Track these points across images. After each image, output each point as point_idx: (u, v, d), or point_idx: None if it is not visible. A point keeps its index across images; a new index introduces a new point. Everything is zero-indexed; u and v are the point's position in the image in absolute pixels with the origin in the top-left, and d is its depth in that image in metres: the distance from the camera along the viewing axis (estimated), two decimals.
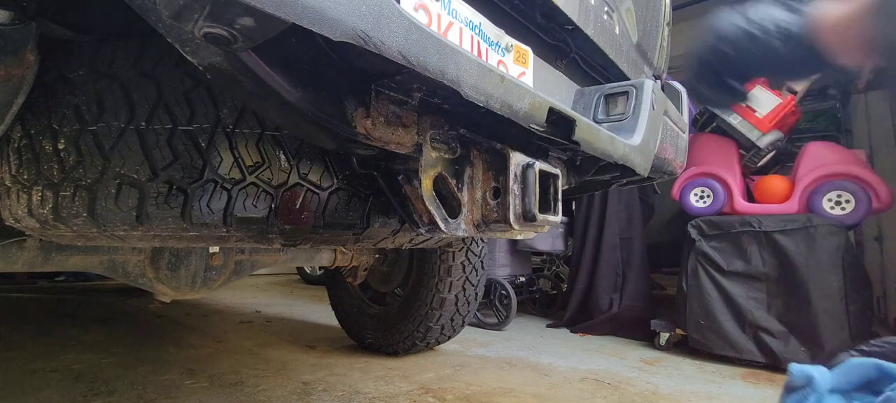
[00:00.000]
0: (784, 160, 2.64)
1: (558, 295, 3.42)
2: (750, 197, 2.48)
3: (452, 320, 1.98)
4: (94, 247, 1.18)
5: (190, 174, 0.74)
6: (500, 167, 0.73)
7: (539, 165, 0.73)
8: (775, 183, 2.38)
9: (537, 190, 0.72)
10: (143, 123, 0.73)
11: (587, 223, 3.00)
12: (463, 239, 1.85)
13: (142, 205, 0.73)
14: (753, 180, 2.51)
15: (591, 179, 1.17)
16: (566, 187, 1.07)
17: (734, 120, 2.41)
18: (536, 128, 0.74)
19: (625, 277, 2.85)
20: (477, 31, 0.91)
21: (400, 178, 0.79)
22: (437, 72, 0.57)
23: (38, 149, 0.77)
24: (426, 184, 0.70)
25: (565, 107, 0.78)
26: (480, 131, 0.76)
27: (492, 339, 2.57)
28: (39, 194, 0.77)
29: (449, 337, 2.10)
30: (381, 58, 0.51)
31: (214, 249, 1.34)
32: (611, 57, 1.10)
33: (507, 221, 0.70)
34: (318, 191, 0.82)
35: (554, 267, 3.59)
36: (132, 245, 0.99)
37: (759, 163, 2.54)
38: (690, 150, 1.69)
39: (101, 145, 0.74)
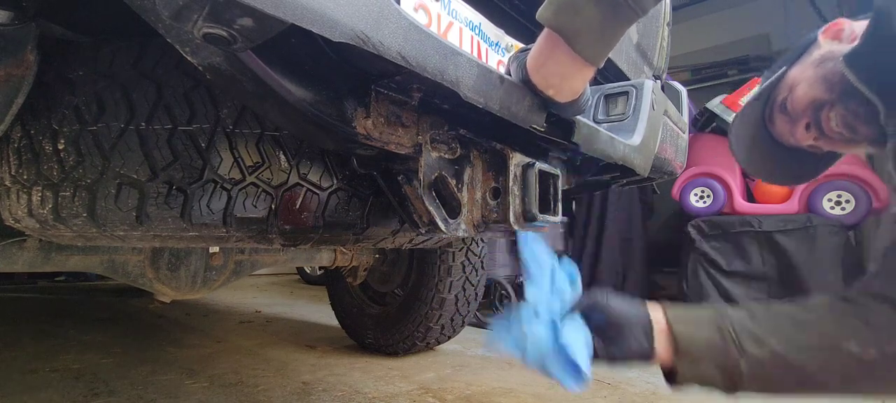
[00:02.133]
0: None
1: None
2: (750, 197, 2.48)
3: (452, 320, 1.98)
4: (94, 247, 1.18)
5: (190, 174, 0.74)
6: (500, 167, 0.73)
7: (539, 165, 0.73)
8: None
9: (537, 190, 0.72)
10: (143, 123, 0.73)
11: (587, 223, 3.00)
12: (463, 240, 1.84)
13: (142, 206, 0.73)
14: (753, 180, 2.51)
15: (591, 179, 1.17)
16: (566, 187, 1.07)
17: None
18: (536, 128, 0.74)
19: (625, 277, 2.85)
20: (477, 31, 0.91)
21: (400, 178, 0.78)
22: (437, 72, 0.57)
23: (37, 150, 0.77)
24: (426, 184, 0.70)
25: None
26: (480, 131, 0.76)
27: None
28: (39, 194, 0.77)
29: (449, 337, 2.10)
30: (380, 58, 0.51)
31: (214, 249, 1.34)
32: (610, 56, 1.09)
33: (507, 221, 0.70)
34: (317, 191, 0.82)
35: None
36: (132, 245, 0.99)
37: None
38: (690, 150, 1.69)
39: (100, 145, 0.74)
